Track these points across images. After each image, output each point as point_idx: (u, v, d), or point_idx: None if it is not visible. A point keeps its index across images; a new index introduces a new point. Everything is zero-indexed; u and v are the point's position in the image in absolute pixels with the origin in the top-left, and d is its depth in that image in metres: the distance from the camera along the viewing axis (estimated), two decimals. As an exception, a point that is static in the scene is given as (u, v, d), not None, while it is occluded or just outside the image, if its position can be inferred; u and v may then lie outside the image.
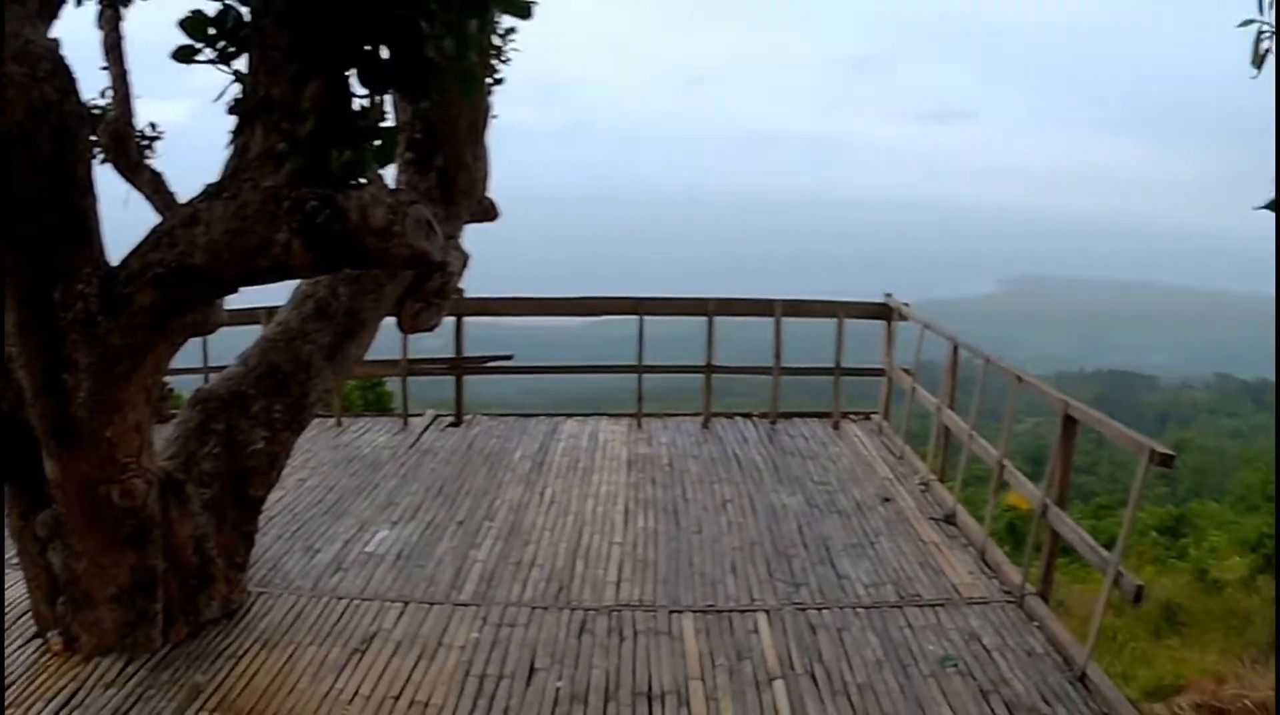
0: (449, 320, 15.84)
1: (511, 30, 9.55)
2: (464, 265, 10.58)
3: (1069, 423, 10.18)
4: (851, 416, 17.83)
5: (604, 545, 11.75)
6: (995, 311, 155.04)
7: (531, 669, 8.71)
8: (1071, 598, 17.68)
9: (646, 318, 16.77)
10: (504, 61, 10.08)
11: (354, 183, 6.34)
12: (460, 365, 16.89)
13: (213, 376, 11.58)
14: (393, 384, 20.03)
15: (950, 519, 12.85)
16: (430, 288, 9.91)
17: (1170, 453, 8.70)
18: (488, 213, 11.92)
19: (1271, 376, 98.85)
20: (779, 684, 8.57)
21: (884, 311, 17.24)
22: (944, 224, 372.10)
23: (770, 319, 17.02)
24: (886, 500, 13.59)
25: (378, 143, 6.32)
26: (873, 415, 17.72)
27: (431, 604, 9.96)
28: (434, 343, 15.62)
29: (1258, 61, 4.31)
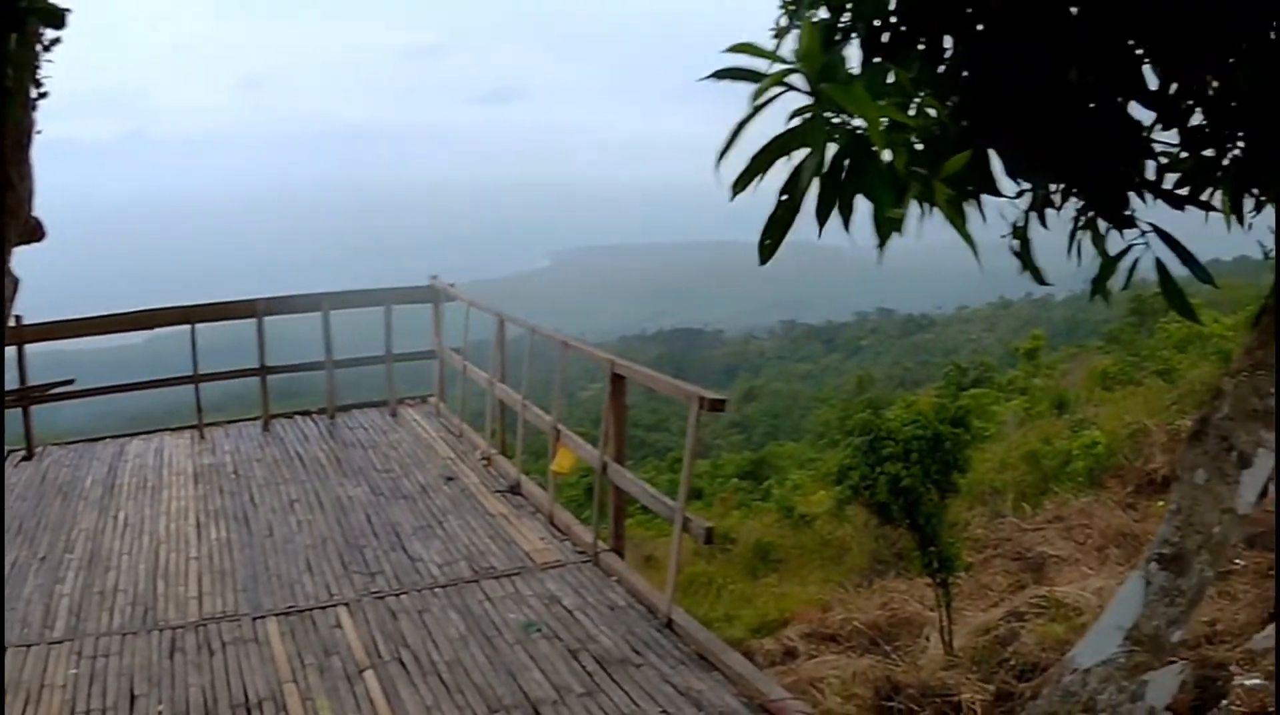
0: (10, 350, 15.39)
1: (57, 41, 9.36)
2: (14, 291, 10.32)
3: (616, 380, 10.82)
4: (408, 402, 18.22)
5: (181, 561, 11.69)
6: (551, 284, 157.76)
7: (132, 697, 8.65)
8: (661, 551, 18.32)
9: (208, 325, 16.73)
10: (43, 79, 9.83)
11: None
12: (26, 396, 16.22)
13: None
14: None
15: (515, 489, 13.43)
16: (-21, 321, 9.63)
17: (720, 397, 9.37)
18: (34, 233, 11.55)
19: (839, 318, 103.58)
20: (369, 674, 8.79)
21: (431, 294, 17.66)
22: (503, 203, 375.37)
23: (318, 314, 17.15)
24: (450, 479, 14.05)
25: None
26: (429, 398, 18.17)
27: (28, 646, 9.70)
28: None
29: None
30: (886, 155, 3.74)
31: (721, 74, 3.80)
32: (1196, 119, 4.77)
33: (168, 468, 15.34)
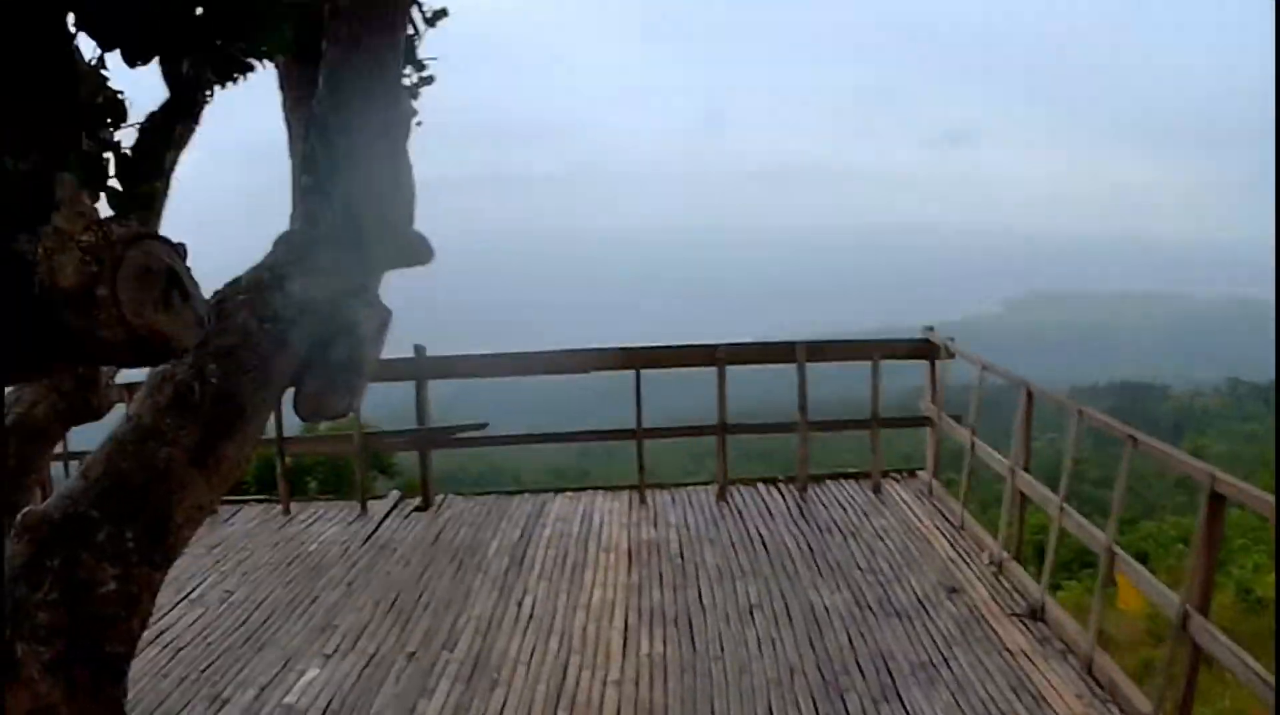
0: (405, 386, 13.60)
1: (443, 13, 6.90)
2: (382, 326, 7.81)
3: (1215, 501, 7.40)
4: (894, 476, 14.80)
5: (594, 687, 8.78)
6: (1003, 331, 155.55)
7: None
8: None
9: (646, 372, 14.02)
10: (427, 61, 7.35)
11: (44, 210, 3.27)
12: (426, 438, 14.07)
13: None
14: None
15: (1037, 614, 9.87)
16: (335, 359, 7.12)
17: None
18: (418, 254, 9.08)
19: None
20: None
21: (927, 349, 14.33)
22: (945, 248, 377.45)
23: (791, 366, 14.16)
24: (954, 591, 10.59)
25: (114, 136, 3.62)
26: (919, 472, 14.74)
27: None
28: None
29: None
30: None
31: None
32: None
33: (595, 540, 12.69)
